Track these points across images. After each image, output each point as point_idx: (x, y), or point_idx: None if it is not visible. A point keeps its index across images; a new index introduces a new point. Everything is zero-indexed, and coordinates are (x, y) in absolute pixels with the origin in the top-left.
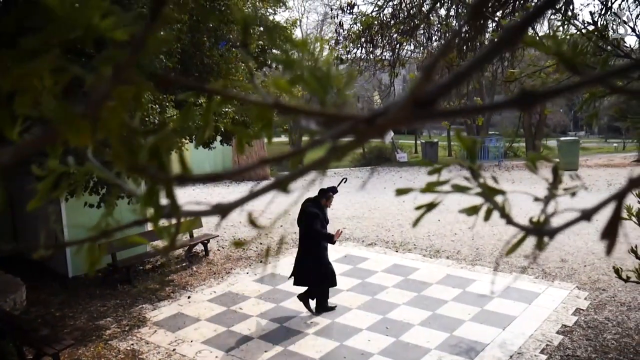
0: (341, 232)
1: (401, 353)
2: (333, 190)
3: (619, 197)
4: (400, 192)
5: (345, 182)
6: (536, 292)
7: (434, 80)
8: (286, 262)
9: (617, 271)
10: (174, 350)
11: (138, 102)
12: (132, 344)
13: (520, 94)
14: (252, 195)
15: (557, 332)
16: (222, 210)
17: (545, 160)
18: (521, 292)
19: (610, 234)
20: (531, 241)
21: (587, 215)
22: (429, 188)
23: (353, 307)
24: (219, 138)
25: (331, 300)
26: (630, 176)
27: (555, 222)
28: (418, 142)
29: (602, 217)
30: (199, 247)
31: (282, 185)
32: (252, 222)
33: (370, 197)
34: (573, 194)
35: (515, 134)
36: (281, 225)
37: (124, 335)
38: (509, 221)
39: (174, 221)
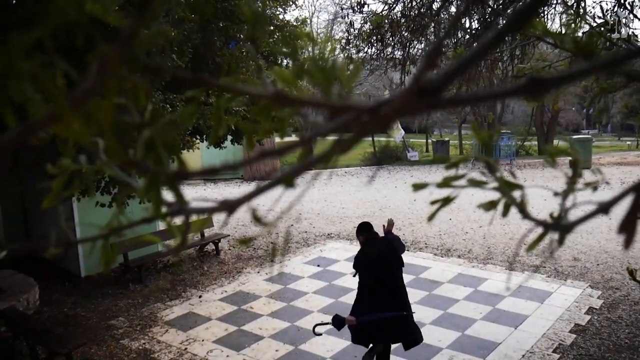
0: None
1: (412, 352)
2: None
3: (637, 189)
4: (417, 187)
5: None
6: (549, 291)
7: (437, 68)
8: (297, 261)
9: (632, 272)
10: (185, 349)
11: (136, 97)
12: (144, 343)
13: (529, 80)
14: (258, 191)
15: (570, 331)
16: (229, 206)
17: (566, 155)
18: (533, 291)
19: (628, 226)
20: (545, 238)
21: (604, 208)
22: (446, 182)
23: None
24: (229, 137)
25: (343, 299)
26: None
27: (575, 217)
28: (429, 140)
29: (616, 215)
30: (210, 247)
31: (287, 180)
32: (257, 219)
33: (381, 196)
34: (595, 189)
35: (527, 133)
36: (291, 225)
37: (135, 334)
38: (526, 216)
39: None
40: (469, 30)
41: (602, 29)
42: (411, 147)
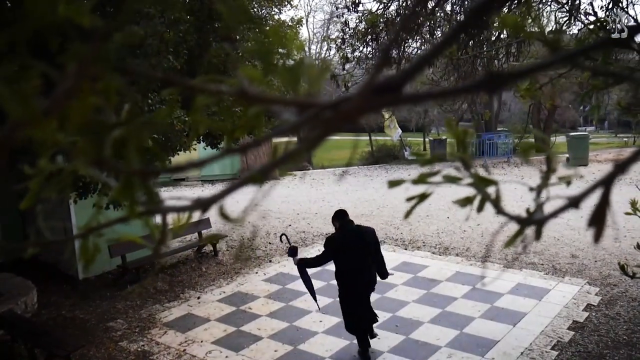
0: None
1: (411, 350)
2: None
3: (606, 182)
4: (393, 184)
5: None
6: (546, 288)
7: (391, 65)
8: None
9: (623, 267)
10: (184, 350)
11: (108, 97)
12: (143, 345)
13: (487, 76)
14: (231, 189)
15: (568, 328)
16: (202, 205)
17: (537, 150)
18: (531, 288)
19: (598, 220)
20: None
21: (574, 202)
22: (421, 179)
23: None
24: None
25: None
26: (616, 162)
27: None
28: (426, 139)
29: (613, 211)
30: (208, 247)
31: (256, 178)
32: (224, 216)
33: (378, 195)
34: (568, 183)
35: (524, 130)
36: (289, 225)
37: (134, 336)
38: (500, 211)
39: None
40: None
41: (595, 26)
42: (408, 146)
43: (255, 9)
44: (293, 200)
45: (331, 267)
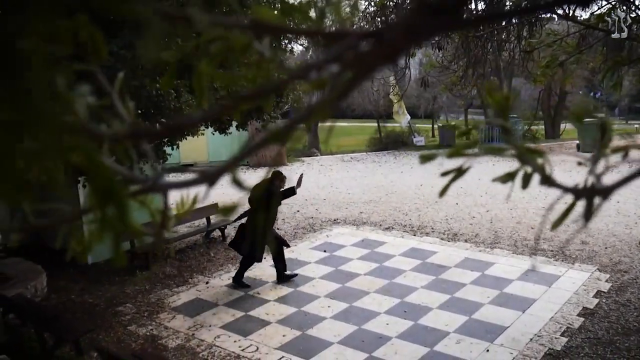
0: None
1: (420, 336)
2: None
3: None
4: (425, 158)
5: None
6: (556, 274)
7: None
8: (303, 247)
9: None
10: (192, 335)
11: (95, 47)
12: (151, 329)
13: None
14: (244, 155)
15: (578, 315)
16: (208, 177)
17: (593, 117)
18: (541, 274)
19: None
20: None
21: None
22: (457, 151)
23: (371, 290)
24: (234, 123)
25: (349, 285)
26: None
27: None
28: (435, 126)
29: (624, 197)
30: (217, 233)
31: (279, 136)
32: (237, 182)
33: (387, 181)
34: (625, 154)
35: (534, 117)
36: (297, 211)
37: (143, 320)
38: (552, 184)
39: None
40: (474, 12)
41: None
42: (417, 132)
43: None
44: (301, 186)
45: (339, 253)
